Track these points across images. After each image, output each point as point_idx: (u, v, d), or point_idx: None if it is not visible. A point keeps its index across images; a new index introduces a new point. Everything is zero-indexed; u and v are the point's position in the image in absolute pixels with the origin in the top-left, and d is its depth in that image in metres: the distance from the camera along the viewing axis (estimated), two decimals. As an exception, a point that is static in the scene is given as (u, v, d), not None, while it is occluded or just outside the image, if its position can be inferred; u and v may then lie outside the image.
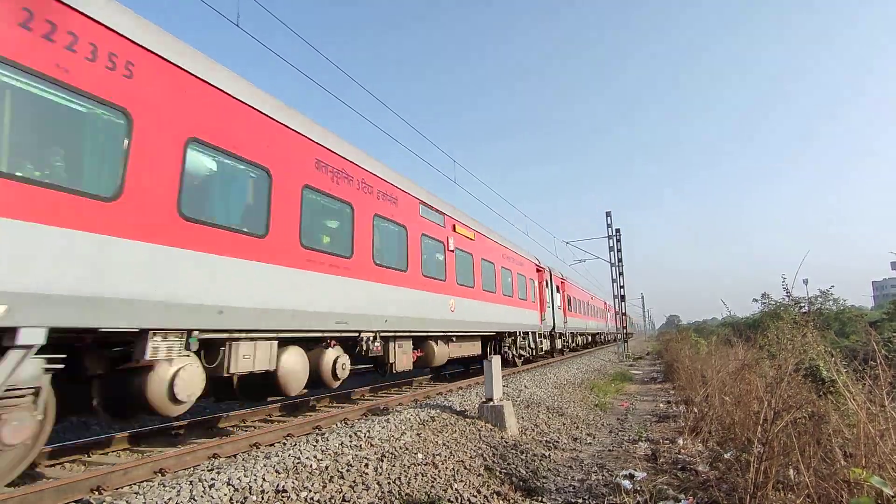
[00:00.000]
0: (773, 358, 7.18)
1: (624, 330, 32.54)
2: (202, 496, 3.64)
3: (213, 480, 3.89)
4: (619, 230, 30.88)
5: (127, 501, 3.50)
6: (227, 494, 3.74)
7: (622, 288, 30.69)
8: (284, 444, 5.65)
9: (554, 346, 20.70)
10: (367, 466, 4.71)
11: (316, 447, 4.99)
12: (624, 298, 30.84)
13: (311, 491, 4.05)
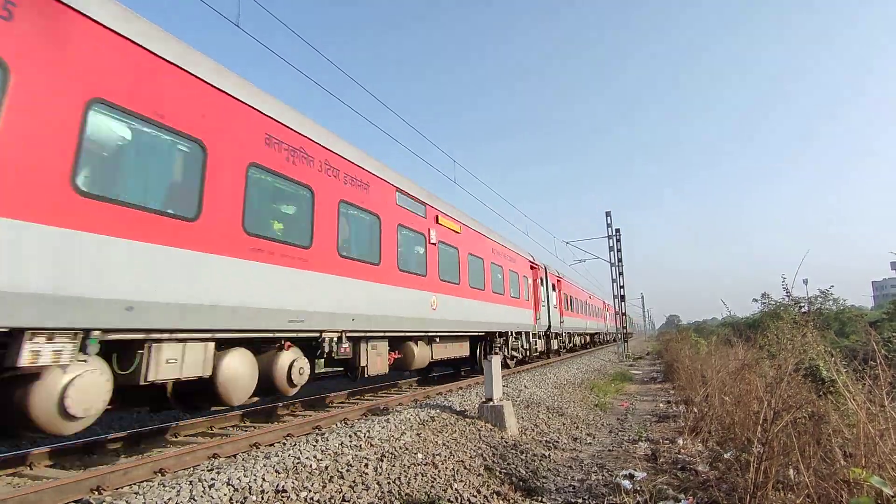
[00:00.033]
0: (772, 358, 7.18)
1: (624, 330, 32.56)
2: (202, 496, 3.64)
3: (212, 480, 3.89)
4: (618, 230, 30.92)
5: (127, 501, 3.50)
6: (226, 494, 3.74)
7: (622, 288, 30.71)
8: (284, 444, 5.66)
9: (549, 346, 20.12)
10: (366, 466, 4.71)
11: (316, 447, 5.00)
12: (624, 298, 30.86)
13: (310, 491, 4.06)
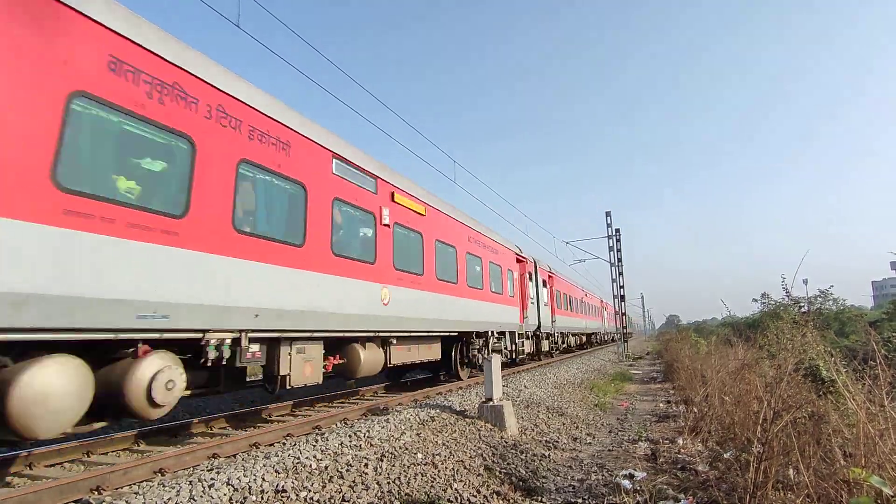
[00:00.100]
0: (772, 358, 7.19)
1: (623, 330, 32.57)
2: (202, 496, 3.64)
3: (212, 480, 3.89)
4: (618, 230, 30.94)
5: (126, 501, 3.50)
6: (226, 494, 3.74)
7: (622, 288, 30.73)
8: (284, 444, 5.66)
9: (539, 347, 18.68)
10: (366, 466, 4.71)
11: (316, 447, 5.00)
12: (624, 298, 30.88)
13: (310, 491, 4.06)
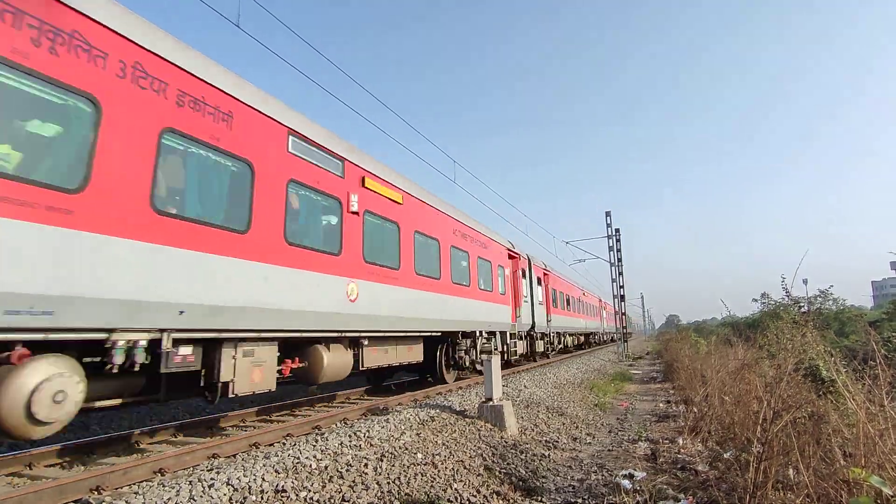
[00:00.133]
0: (772, 358, 7.19)
1: (623, 329, 32.56)
2: (202, 496, 3.64)
3: (212, 480, 3.89)
4: (618, 230, 30.95)
5: (126, 501, 3.49)
6: (226, 494, 3.74)
7: (622, 288, 30.73)
8: (284, 443, 5.66)
9: (534, 348, 17.99)
10: (366, 466, 4.71)
11: (315, 447, 4.99)
12: (623, 298, 30.88)
13: (310, 491, 4.06)
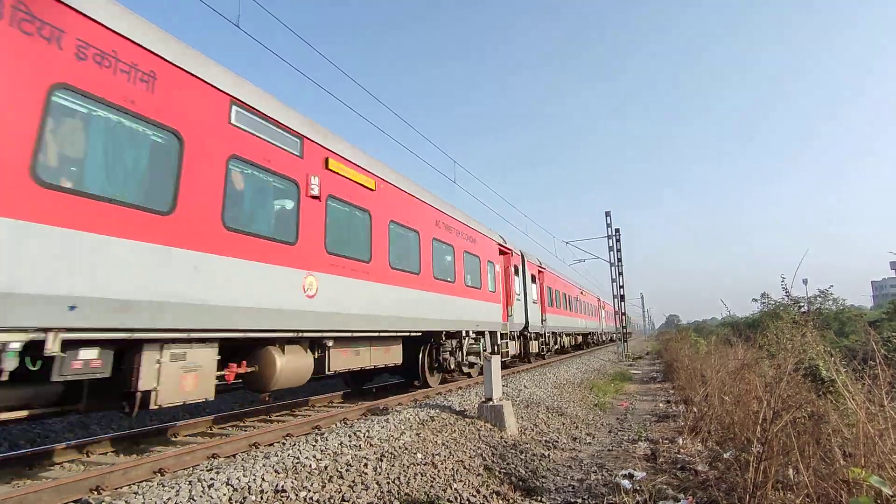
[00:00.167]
0: (772, 357, 7.19)
1: (623, 329, 32.55)
2: (201, 496, 3.63)
3: (212, 480, 3.88)
4: (618, 230, 30.94)
5: (126, 501, 3.49)
6: (226, 494, 3.74)
7: (622, 288, 30.72)
8: (284, 443, 5.66)
9: (527, 348, 17.17)
10: (366, 466, 4.71)
11: (315, 447, 4.99)
12: (623, 298, 30.88)
13: (310, 491, 4.05)
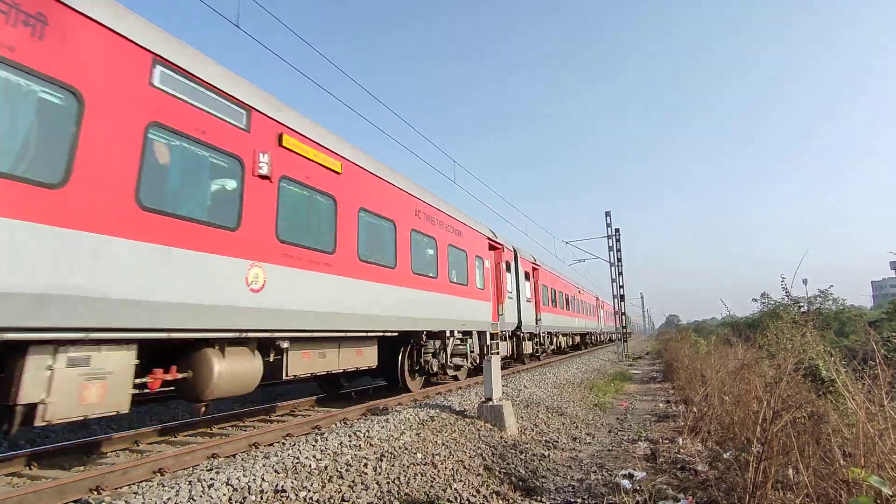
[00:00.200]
0: (772, 357, 7.19)
1: (623, 329, 32.54)
2: (201, 496, 3.63)
3: (212, 480, 3.88)
4: (618, 230, 30.95)
5: (126, 501, 3.49)
6: (226, 494, 3.73)
7: (622, 288, 30.73)
8: (283, 443, 5.66)
9: (520, 349, 16.36)
10: (366, 466, 4.71)
11: (315, 447, 4.99)
12: (623, 298, 30.89)
13: (310, 491, 4.05)
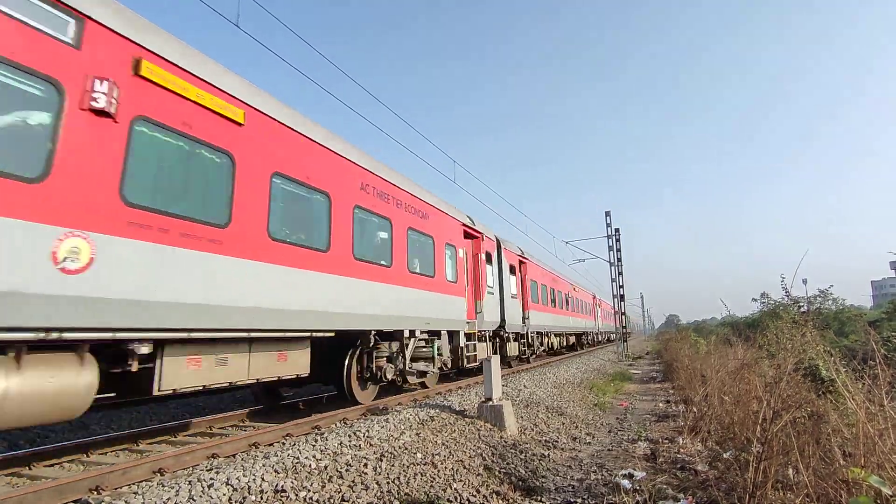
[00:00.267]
0: (772, 357, 7.19)
1: (623, 329, 32.51)
2: (201, 496, 3.63)
3: (212, 480, 3.88)
4: (618, 230, 30.94)
5: (126, 501, 3.49)
6: (225, 494, 3.73)
7: (622, 287, 30.73)
8: (283, 443, 5.66)
9: (504, 351, 14.71)
10: (366, 466, 4.71)
11: (315, 447, 4.99)
12: (623, 298, 30.89)
13: (309, 491, 4.05)
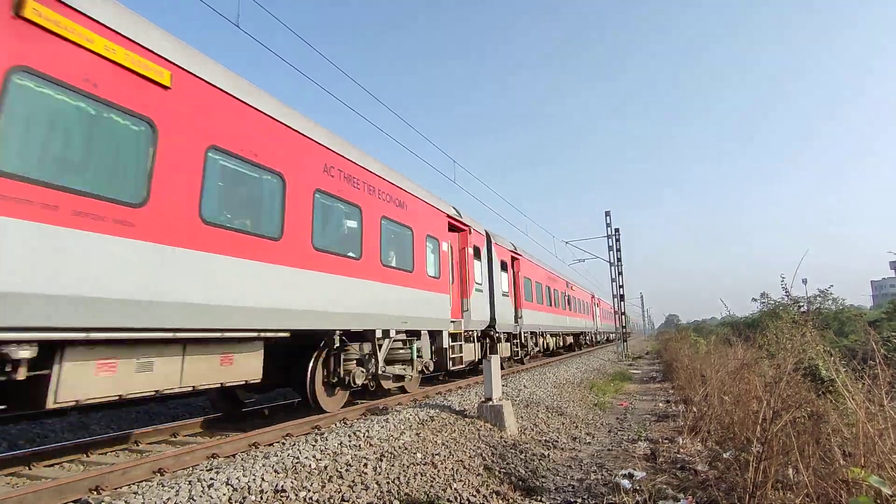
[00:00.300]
0: (772, 357, 7.19)
1: (623, 329, 32.50)
2: (201, 496, 3.63)
3: (212, 480, 3.88)
4: (618, 230, 30.94)
5: (126, 501, 3.49)
6: (225, 494, 3.73)
7: (622, 287, 30.73)
8: (283, 443, 5.65)
9: (494, 352, 13.30)
10: (366, 466, 4.71)
11: (315, 447, 4.99)
12: (623, 298, 30.89)
13: (309, 491, 4.05)
